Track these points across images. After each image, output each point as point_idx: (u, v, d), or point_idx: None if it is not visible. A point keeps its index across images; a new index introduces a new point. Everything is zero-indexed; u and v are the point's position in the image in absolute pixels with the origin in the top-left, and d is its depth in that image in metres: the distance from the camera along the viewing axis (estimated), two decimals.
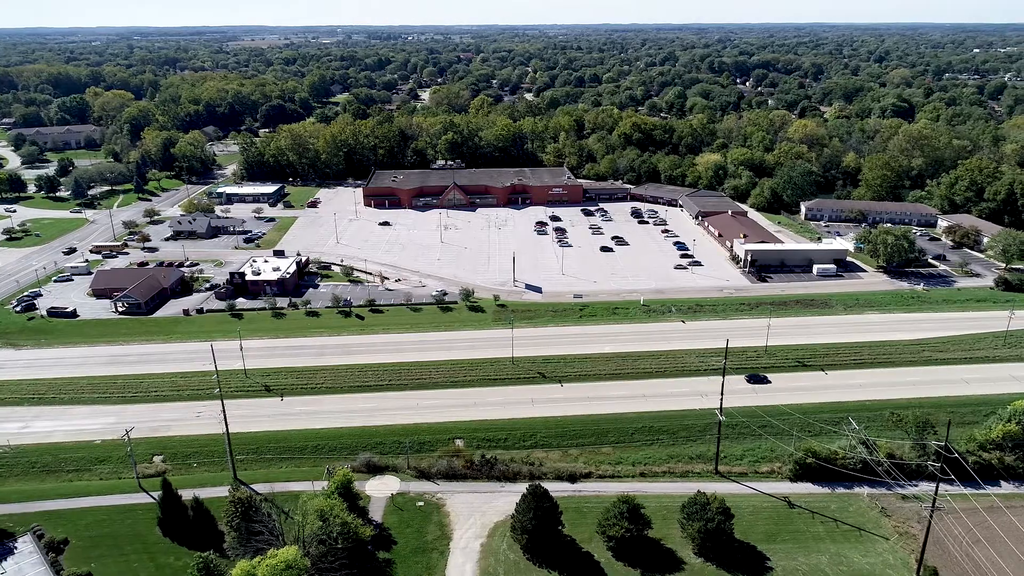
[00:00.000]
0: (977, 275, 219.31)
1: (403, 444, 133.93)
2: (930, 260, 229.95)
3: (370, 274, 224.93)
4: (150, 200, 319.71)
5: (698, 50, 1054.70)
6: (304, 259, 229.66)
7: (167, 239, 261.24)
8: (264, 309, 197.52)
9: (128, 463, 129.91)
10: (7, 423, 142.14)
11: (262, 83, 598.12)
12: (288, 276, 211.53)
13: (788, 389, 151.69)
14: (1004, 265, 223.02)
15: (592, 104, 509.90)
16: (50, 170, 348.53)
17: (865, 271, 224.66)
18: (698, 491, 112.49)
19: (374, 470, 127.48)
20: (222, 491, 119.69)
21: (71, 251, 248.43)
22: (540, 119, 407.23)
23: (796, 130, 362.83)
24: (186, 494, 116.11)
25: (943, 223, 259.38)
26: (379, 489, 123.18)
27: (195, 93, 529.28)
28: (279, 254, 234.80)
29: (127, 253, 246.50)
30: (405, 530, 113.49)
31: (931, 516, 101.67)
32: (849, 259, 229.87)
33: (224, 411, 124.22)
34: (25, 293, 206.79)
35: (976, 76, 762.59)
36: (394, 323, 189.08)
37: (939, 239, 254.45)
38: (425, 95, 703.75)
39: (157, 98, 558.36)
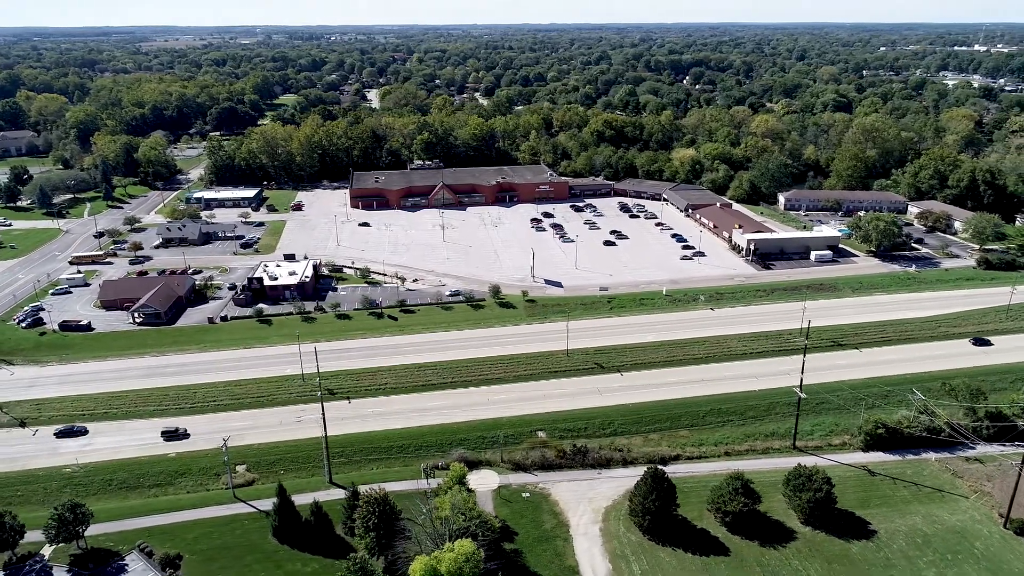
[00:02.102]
0: (957, 256, 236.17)
1: (486, 439, 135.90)
2: (912, 244, 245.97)
3: (385, 275, 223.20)
4: (122, 208, 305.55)
5: (627, 49, 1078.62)
6: (317, 262, 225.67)
7: (158, 246, 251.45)
8: (291, 314, 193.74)
9: (212, 475, 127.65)
10: (66, 441, 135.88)
11: (205, 85, 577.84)
12: (307, 280, 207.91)
13: (833, 367, 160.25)
14: (978, 246, 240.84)
15: (548, 103, 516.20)
16: (2, 178, 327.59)
17: (857, 256, 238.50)
18: (799, 464, 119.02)
19: (468, 465, 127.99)
20: (322, 496, 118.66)
21: (100, 235, 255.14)
22: (510, 118, 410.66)
23: (758, 125, 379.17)
24: (272, 502, 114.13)
25: (914, 209, 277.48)
26: (480, 483, 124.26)
27: (137, 96, 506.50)
28: (289, 258, 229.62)
29: (111, 263, 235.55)
30: (520, 520, 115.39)
31: (1020, 472, 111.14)
32: (840, 245, 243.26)
33: (324, 414, 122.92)
34: (26, 308, 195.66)
35: (892, 73, 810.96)
36: (429, 322, 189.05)
37: (912, 224, 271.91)
38: (371, 95, 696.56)
39: (88, 101, 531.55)
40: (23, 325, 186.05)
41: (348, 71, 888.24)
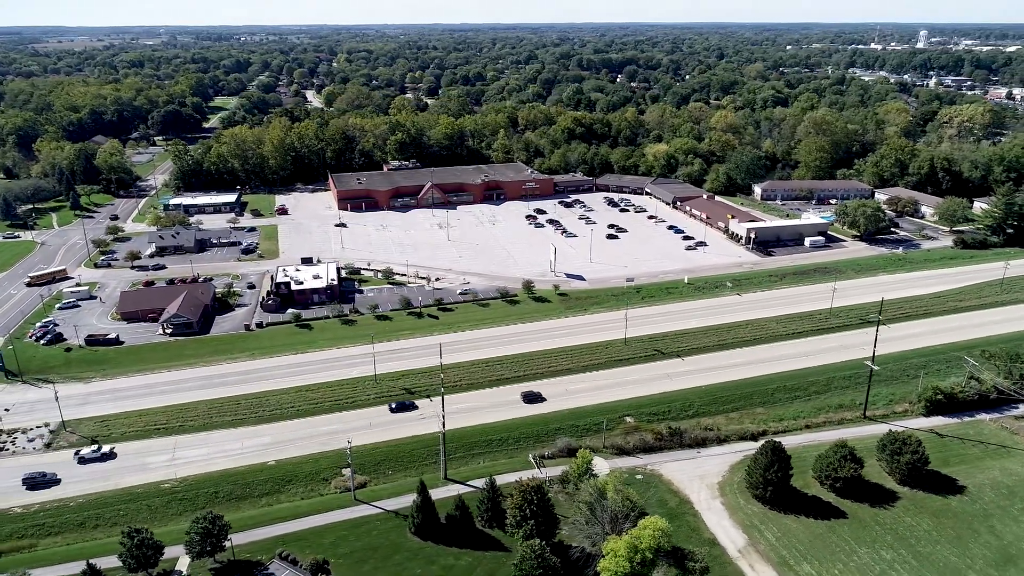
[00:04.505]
0: (933, 238, 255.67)
1: (578, 427, 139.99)
2: (891, 228, 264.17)
3: (405, 275, 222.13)
4: (92, 217, 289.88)
5: (553, 48, 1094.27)
6: (338, 265, 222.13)
7: (152, 255, 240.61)
8: (327, 317, 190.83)
9: (319, 480, 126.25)
10: (148, 457, 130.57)
11: (140, 88, 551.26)
12: (334, 283, 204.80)
13: (869, 343, 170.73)
14: (948, 228, 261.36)
15: (510, 103, 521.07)
16: None
17: (845, 240, 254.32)
18: (889, 430, 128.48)
19: (572, 452, 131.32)
20: (441, 492, 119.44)
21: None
22: (478, 117, 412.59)
23: (717, 120, 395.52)
24: (394, 502, 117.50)
25: (881, 196, 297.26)
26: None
27: (69, 100, 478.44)
28: (307, 262, 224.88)
29: (71, 277, 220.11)
30: (646, 501, 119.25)
31: None
32: (828, 231, 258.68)
33: (443, 408, 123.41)
34: (38, 324, 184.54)
35: (807, 70, 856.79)
36: (471, 319, 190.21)
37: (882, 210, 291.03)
38: (309, 95, 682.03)
39: (5, 106, 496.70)
40: (42, 342, 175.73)
41: (276, 72, 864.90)
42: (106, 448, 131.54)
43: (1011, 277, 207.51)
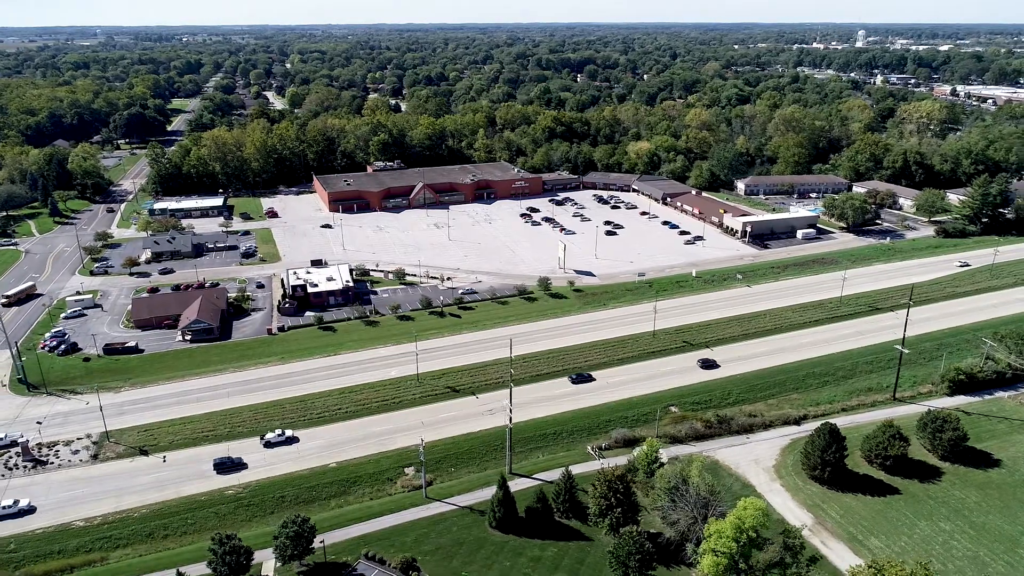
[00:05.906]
0: (915, 228, 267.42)
1: (628, 418, 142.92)
2: (875, 220, 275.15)
3: (415, 276, 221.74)
4: (73, 223, 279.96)
5: (507, 48, 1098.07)
6: (350, 267, 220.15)
7: (148, 261, 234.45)
8: (349, 319, 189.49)
9: (385, 480, 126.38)
10: (203, 464, 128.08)
11: (95, 90, 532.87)
12: (350, 285, 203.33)
13: (883, 328, 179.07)
14: (926, 219, 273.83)
15: (468, 100, 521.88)
16: None
17: (834, 232, 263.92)
18: (928, 409, 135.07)
19: (628, 443, 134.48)
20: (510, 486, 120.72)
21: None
22: (457, 116, 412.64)
23: (692, 118, 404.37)
24: (466, 497, 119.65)
25: (860, 189, 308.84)
26: None
27: (23, 103, 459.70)
28: (317, 264, 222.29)
29: (40, 295, 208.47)
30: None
31: None
32: (817, 224, 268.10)
33: (511, 401, 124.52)
34: (47, 334, 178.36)
35: (758, 68, 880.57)
36: (494, 317, 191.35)
37: None
38: (270, 96, 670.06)
39: None
40: (58, 353, 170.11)
41: (230, 73, 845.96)
42: (289, 432, 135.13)
43: (999, 263, 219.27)
